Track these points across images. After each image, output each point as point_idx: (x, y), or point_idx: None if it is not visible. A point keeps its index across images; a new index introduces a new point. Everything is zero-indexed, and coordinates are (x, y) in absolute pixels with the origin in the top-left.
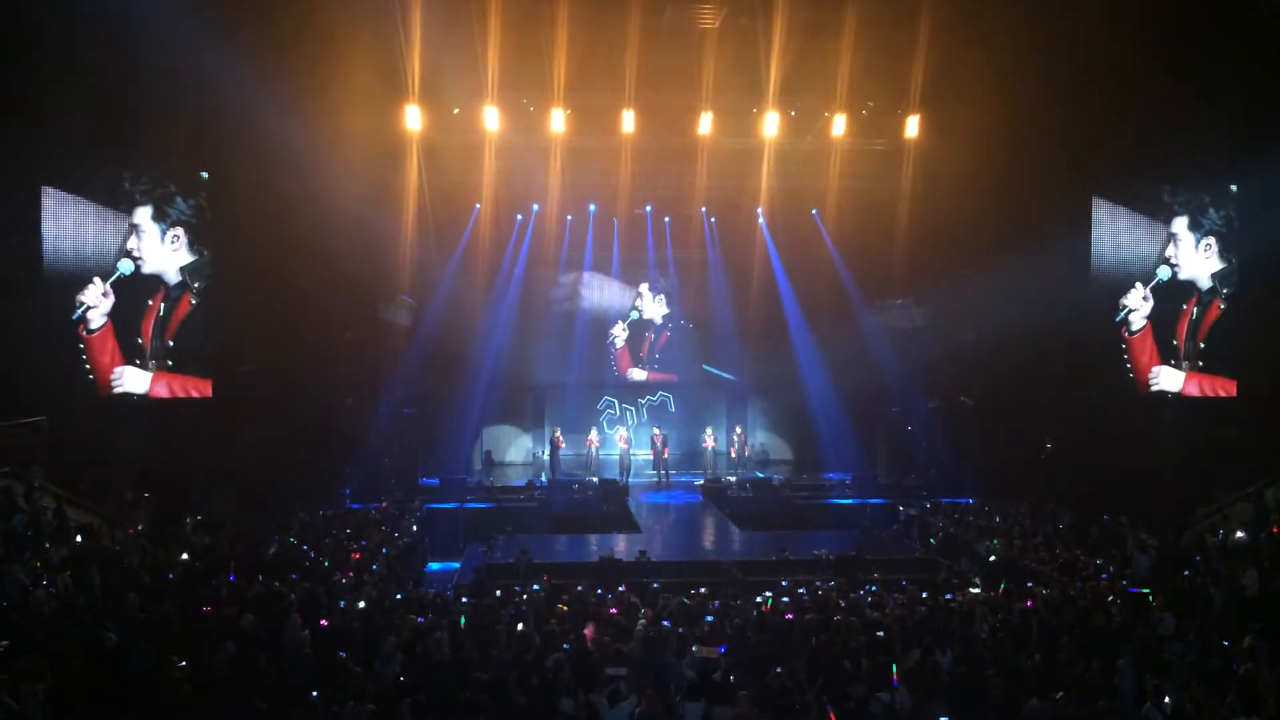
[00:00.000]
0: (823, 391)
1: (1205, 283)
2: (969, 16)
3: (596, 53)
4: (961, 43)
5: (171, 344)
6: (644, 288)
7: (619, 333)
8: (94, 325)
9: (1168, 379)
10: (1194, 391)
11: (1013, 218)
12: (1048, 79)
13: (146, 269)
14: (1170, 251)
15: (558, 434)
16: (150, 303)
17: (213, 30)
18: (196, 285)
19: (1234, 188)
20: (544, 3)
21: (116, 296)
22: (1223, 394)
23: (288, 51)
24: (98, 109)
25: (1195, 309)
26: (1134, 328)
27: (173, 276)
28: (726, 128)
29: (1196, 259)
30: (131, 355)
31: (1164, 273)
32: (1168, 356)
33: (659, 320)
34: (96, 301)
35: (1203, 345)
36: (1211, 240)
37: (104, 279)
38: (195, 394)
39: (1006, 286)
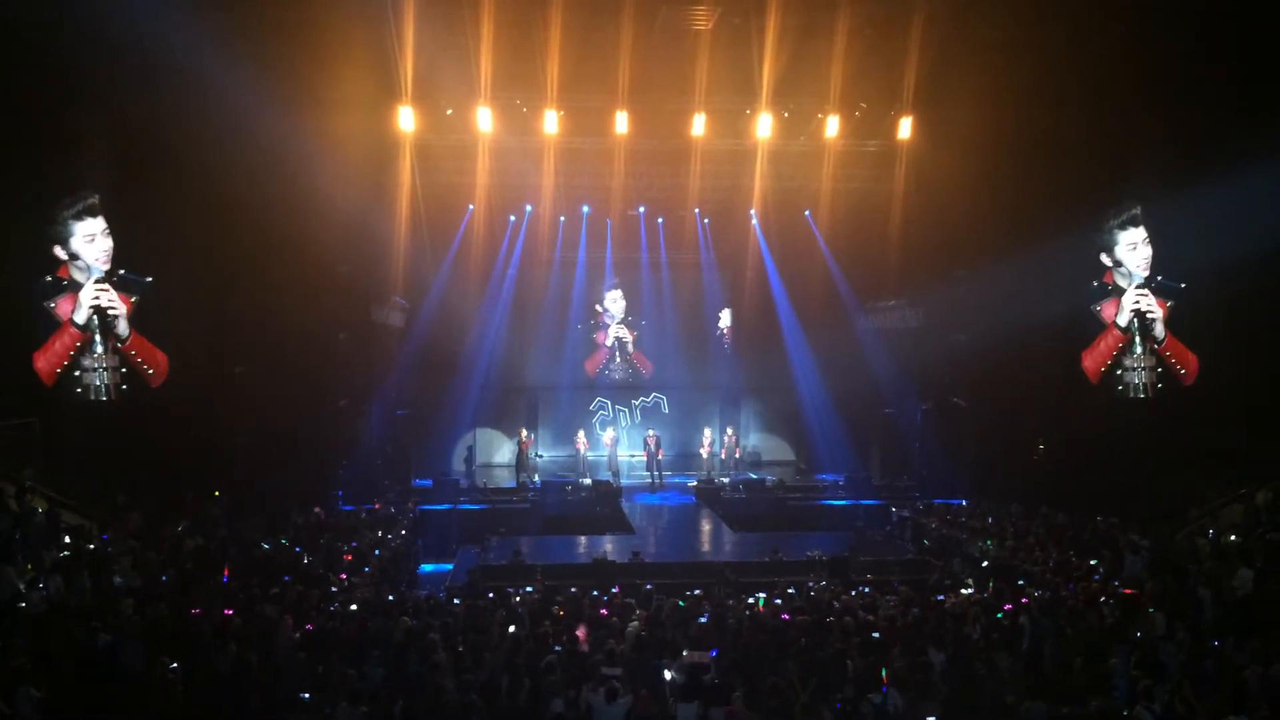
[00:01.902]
0: (816, 393)
1: (1179, 286)
2: (962, 19)
3: (590, 54)
4: (954, 45)
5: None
6: (611, 294)
7: (612, 336)
8: (79, 320)
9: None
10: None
11: (1005, 219)
12: (1039, 81)
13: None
14: (1143, 254)
15: (524, 434)
16: (120, 301)
17: (204, 30)
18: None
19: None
20: (537, 4)
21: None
22: (1183, 370)
23: (280, 52)
24: (85, 111)
25: (1170, 310)
26: (1121, 323)
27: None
28: (720, 129)
29: (1166, 262)
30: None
31: (1139, 276)
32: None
33: (623, 318)
34: (89, 299)
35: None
36: (1148, 246)
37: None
38: (151, 369)
39: (999, 288)
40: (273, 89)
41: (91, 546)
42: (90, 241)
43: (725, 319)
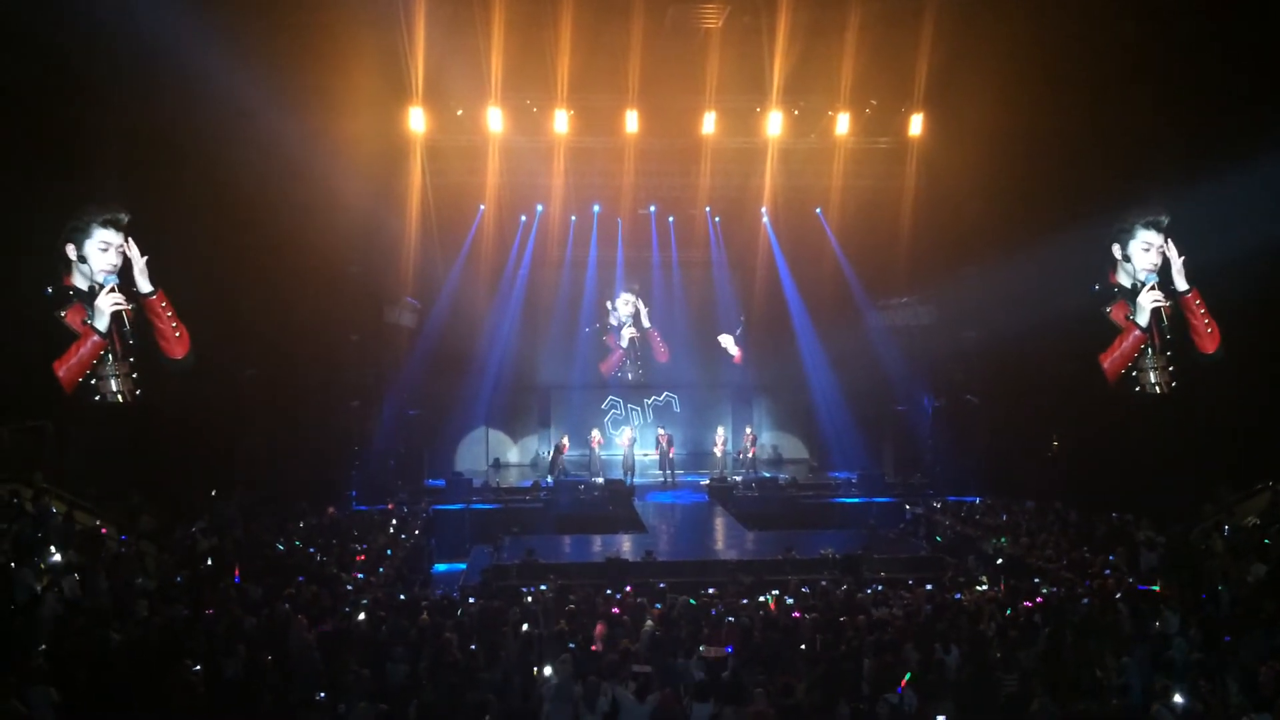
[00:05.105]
0: (828, 390)
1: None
2: (972, 15)
3: (599, 53)
4: (965, 41)
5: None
6: (624, 295)
7: (625, 338)
8: (101, 328)
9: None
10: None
11: (1016, 215)
12: (1050, 77)
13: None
14: (1155, 257)
15: (564, 441)
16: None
17: (215, 33)
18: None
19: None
20: (547, 4)
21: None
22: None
23: (291, 54)
24: (92, 116)
25: (1183, 309)
26: (1141, 323)
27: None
28: (730, 127)
29: (1182, 260)
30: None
31: (1149, 277)
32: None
33: (634, 321)
34: (108, 306)
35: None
36: (1167, 241)
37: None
38: (177, 331)
39: (1011, 284)
40: (283, 91)
41: (108, 547)
42: (104, 250)
43: (730, 344)
